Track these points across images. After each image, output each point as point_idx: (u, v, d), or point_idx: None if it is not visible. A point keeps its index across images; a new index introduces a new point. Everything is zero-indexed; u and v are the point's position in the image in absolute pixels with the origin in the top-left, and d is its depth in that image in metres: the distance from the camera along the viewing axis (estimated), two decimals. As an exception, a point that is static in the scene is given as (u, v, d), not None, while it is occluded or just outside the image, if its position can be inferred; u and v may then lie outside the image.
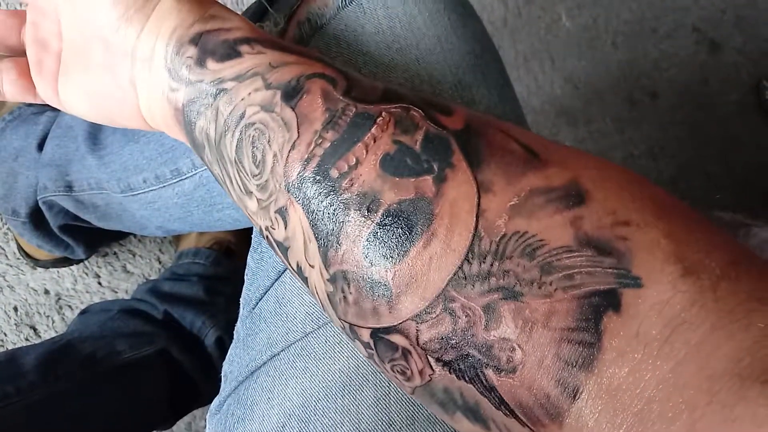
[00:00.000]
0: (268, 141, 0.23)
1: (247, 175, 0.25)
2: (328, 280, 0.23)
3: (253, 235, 0.38)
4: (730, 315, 0.17)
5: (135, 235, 0.84)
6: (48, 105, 0.68)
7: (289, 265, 0.25)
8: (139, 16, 0.27)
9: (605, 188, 0.20)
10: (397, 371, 0.22)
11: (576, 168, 0.21)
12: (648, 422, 0.17)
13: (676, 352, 0.17)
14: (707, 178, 0.98)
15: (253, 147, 0.24)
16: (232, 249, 0.75)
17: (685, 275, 0.18)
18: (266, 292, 0.35)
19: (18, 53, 0.33)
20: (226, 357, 0.38)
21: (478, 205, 0.20)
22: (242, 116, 0.24)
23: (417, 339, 0.21)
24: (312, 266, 0.23)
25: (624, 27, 0.99)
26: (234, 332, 0.38)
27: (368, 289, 0.22)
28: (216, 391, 0.39)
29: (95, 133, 0.57)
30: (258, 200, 0.24)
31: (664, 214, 0.20)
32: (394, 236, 0.21)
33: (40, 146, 0.63)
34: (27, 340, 0.81)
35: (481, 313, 0.20)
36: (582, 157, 0.22)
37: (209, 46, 0.26)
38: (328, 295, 0.23)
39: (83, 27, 0.29)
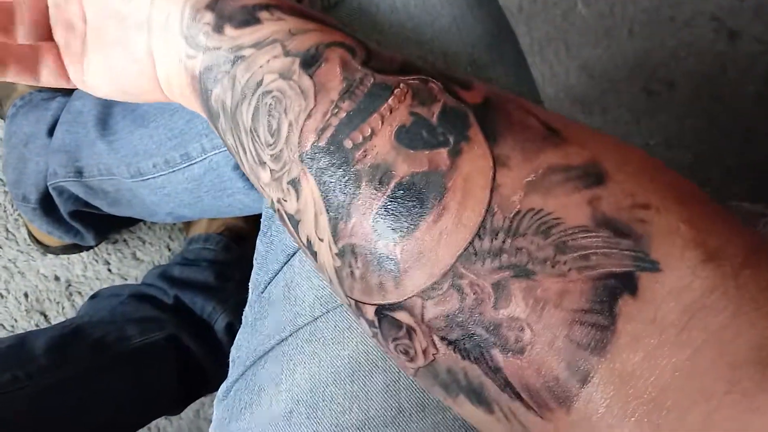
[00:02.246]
0: (285, 109, 0.23)
1: (262, 144, 0.24)
2: (336, 254, 0.22)
3: (262, 219, 0.38)
4: (753, 302, 0.17)
5: (145, 222, 0.84)
6: (59, 90, 0.68)
7: (300, 239, 0.24)
8: None
9: (625, 170, 0.20)
10: (401, 351, 0.22)
11: (596, 148, 0.20)
12: (662, 411, 0.16)
13: (694, 338, 0.17)
14: (724, 168, 0.97)
15: (269, 115, 0.23)
16: (243, 235, 0.75)
17: (706, 261, 0.18)
18: (275, 276, 0.34)
19: (48, 37, 0.33)
20: (234, 342, 0.38)
21: (493, 179, 0.20)
22: (260, 84, 0.24)
23: (422, 316, 0.20)
24: (321, 240, 0.23)
25: (641, 15, 0.98)
26: (242, 317, 0.38)
27: (375, 263, 0.21)
28: (225, 378, 0.39)
29: (105, 118, 0.56)
30: (271, 171, 0.24)
31: (684, 199, 0.19)
32: (404, 209, 0.20)
33: (50, 132, 0.63)
34: (37, 326, 0.82)
35: (491, 290, 0.19)
36: (602, 138, 0.21)
37: (227, 12, 0.25)
38: (336, 270, 0.23)
39: (98, 3, 0.29)
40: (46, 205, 0.66)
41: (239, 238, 0.75)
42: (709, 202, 0.20)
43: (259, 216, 0.39)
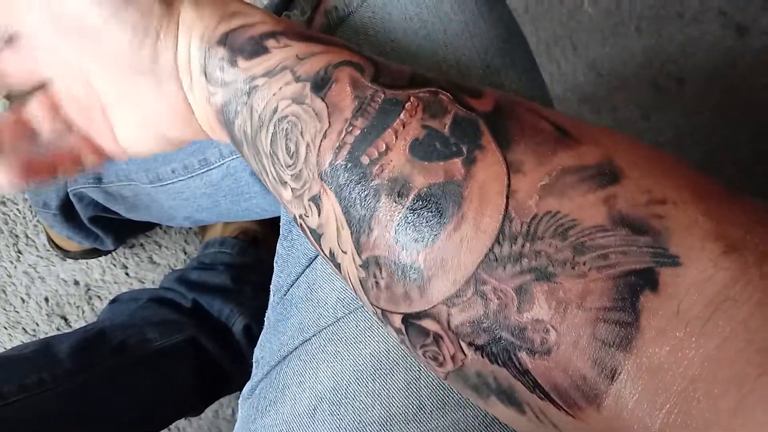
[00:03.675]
0: (301, 132, 0.24)
1: (282, 166, 0.25)
2: (360, 266, 0.23)
3: (281, 224, 0.39)
4: None
5: (161, 227, 0.85)
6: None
7: (322, 251, 0.25)
8: (167, 34, 0.27)
9: (639, 166, 0.20)
10: (429, 357, 0.22)
11: (609, 146, 0.21)
12: (693, 401, 0.17)
13: (721, 329, 0.17)
14: (736, 164, 0.97)
15: (287, 139, 0.24)
16: (258, 238, 0.76)
17: (727, 252, 0.18)
18: (297, 278, 0.35)
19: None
20: (258, 343, 0.39)
21: (508, 185, 0.20)
22: (275, 111, 0.25)
23: (448, 323, 0.21)
24: (345, 252, 0.23)
25: (648, 11, 0.98)
26: (265, 319, 0.39)
27: (400, 273, 0.22)
28: (244, 378, 0.39)
29: (123, 125, 0.58)
30: (292, 189, 0.25)
31: (701, 192, 0.19)
32: (424, 220, 0.21)
33: (70, 139, 0.64)
34: (58, 329, 0.84)
35: (513, 294, 0.19)
36: (614, 136, 0.22)
37: (237, 45, 0.26)
38: (360, 281, 0.23)
39: (121, 70, 0.28)
40: (67, 211, 0.68)
41: (254, 242, 0.76)
42: (727, 193, 0.20)
43: (274, 220, 0.40)
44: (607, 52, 0.97)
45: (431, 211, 0.21)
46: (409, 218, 0.21)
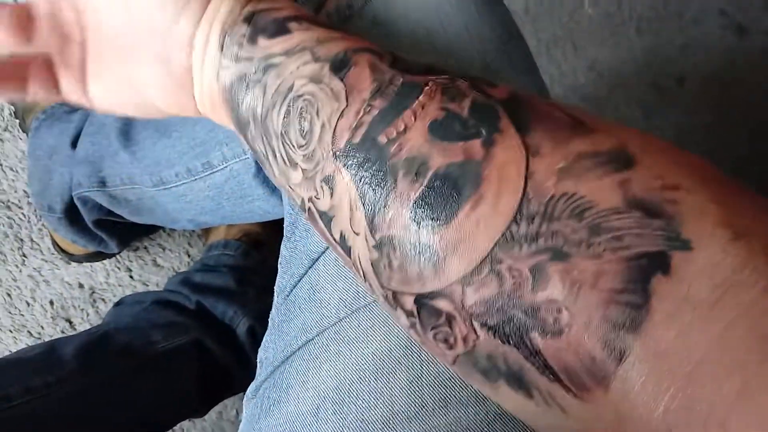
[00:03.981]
0: (317, 111, 0.24)
1: (293, 146, 0.25)
2: (373, 246, 0.23)
3: (285, 225, 0.39)
4: None
5: (164, 230, 0.86)
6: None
7: (332, 236, 0.25)
8: (196, 6, 0.27)
9: (652, 154, 0.20)
10: (440, 339, 0.22)
11: (622, 135, 0.21)
12: (697, 385, 0.17)
13: (727, 314, 0.17)
14: (735, 164, 0.97)
15: (301, 118, 0.24)
16: (261, 240, 0.76)
17: (736, 239, 0.18)
18: (300, 279, 0.36)
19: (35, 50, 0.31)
20: (262, 344, 0.39)
21: (527, 167, 0.20)
22: (290, 89, 0.25)
23: (462, 302, 0.21)
24: (357, 234, 0.23)
25: (648, 12, 0.98)
26: (269, 320, 0.39)
27: (415, 253, 0.22)
28: (247, 380, 0.40)
29: (127, 129, 0.58)
30: (303, 170, 0.25)
31: (711, 180, 0.20)
32: (442, 198, 0.21)
33: (74, 143, 0.64)
34: (63, 332, 0.84)
35: (528, 274, 0.20)
36: (625, 127, 0.22)
37: (260, 24, 0.26)
38: (372, 263, 0.23)
39: (133, 21, 0.29)
40: (71, 214, 0.68)
41: (257, 244, 0.76)
42: (734, 182, 0.20)
43: (277, 222, 0.40)
44: (608, 53, 0.97)
45: (449, 190, 0.21)
46: (427, 196, 0.21)
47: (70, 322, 0.84)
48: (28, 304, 0.84)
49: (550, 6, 0.96)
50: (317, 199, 0.25)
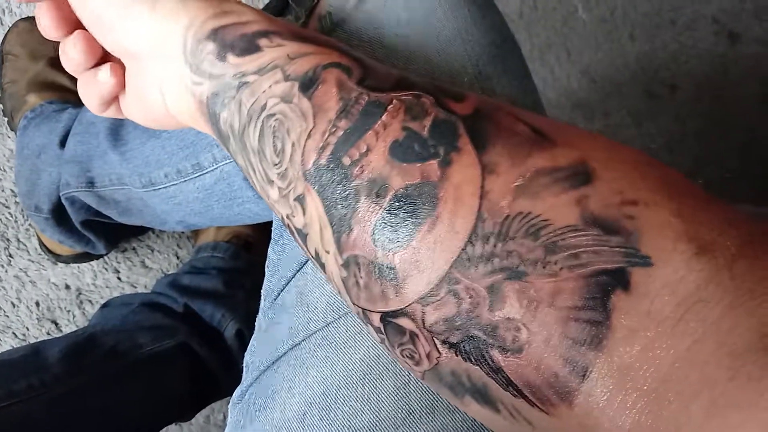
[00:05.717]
0: (287, 131, 0.24)
1: (269, 163, 0.25)
2: (342, 265, 0.23)
3: (273, 228, 0.39)
4: (750, 293, 0.17)
5: (153, 231, 0.85)
6: (69, 101, 0.69)
7: (308, 252, 0.25)
8: (142, 12, 0.27)
9: (613, 168, 0.20)
10: (406, 356, 0.23)
11: (585, 148, 0.21)
12: (664, 401, 0.17)
13: (693, 330, 0.17)
14: (727, 171, 0.97)
15: (274, 137, 0.25)
16: (251, 242, 0.76)
17: (699, 254, 0.18)
18: (288, 283, 0.35)
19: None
20: (248, 348, 0.39)
21: (482, 187, 0.21)
22: (264, 107, 0.25)
23: (423, 321, 0.21)
24: (328, 252, 0.24)
25: (642, 19, 0.98)
26: (255, 324, 0.39)
27: (377, 273, 0.22)
28: (235, 383, 0.39)
29: (116, 129, 0.58)
30: (279, 188, 0.25)
31: (675, 194, 0.20)
32: (400, 221, 0.21)
33: (62, 143, 0.64)
34: (48, 334, 0.83)
35: (485, 293, 0.20)
36: (592, 138, 0.22)
37: (228, 41, 0.26)
38: (342, 281, 0.24)
39: (111, 39, 0.29)
40: (59, 214, 0.67)
41: (247, 246, 0.76)
42: (702, 195, 0.20)
43: (267, 224, 0.40)
44: (601, 59, 0.97)
45: (407, 212, 0.21)
46: (386, 218, 0.22)
47: (56, 324, 0.83)
48: (14, 305, 0.82)
49: (544, 11, 0.96)
50: (293, 216, 0.25)
